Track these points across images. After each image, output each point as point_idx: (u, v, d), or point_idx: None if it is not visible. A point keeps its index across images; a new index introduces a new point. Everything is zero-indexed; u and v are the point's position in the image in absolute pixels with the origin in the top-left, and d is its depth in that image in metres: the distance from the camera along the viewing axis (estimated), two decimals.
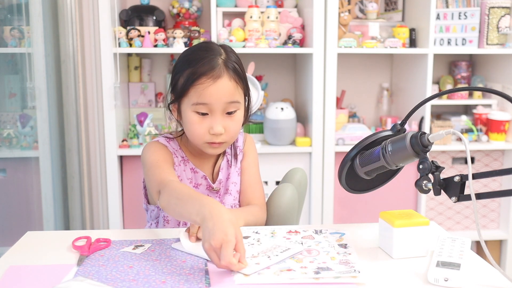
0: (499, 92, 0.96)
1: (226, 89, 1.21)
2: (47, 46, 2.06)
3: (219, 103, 1.21)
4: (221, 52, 1.24)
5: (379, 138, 1.09)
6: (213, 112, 1.22)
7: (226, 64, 1.22)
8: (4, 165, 2.14)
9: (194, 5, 2.43)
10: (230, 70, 1.22)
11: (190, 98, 1.22)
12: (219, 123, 1.22)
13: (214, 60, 1.21)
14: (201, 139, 1.24)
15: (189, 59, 1.24)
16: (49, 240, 1.13)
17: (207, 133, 1.23)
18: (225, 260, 0.92)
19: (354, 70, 2.68)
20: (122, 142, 2.26)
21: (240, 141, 1.42)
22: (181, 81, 1.23)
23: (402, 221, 1.04)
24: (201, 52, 1.24)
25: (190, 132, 1.25)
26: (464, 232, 2.51)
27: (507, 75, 2.46)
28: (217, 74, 1.20)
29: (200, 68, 1.20)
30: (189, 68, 1.21)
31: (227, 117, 1.24)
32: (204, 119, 1.23)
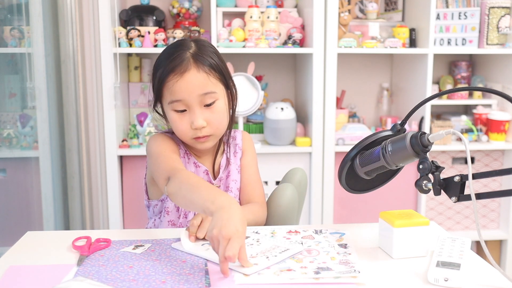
0: (499, 92, 0.96)
1: (195, 82, 1.20)
2: (47, 46, 2.06)
3: (192, 97, 1.21)
4: (190, 46, 1.24)
5: (379, 138, 1.09)
6: (190, 107, 1.22)
7: (194, 56, 1.22)
8: (4, 165, 2.14)
9: (194, 5, 2.43)
10: (198, 62, 1.21)
11: (165, 98, 1.23)
12: (199, 117, 1.22)
13: (181, 55, 1.21)
14: (186, 136, 1.25)
15: (159, 60, 1.26)
16: (49, 240, 1.13)
17: (189, 129, 1.24)
18: (231, 251, 0.91)
19: (354, 70, 2.68)
20: (122, 142, 2.26)
21: (238, 138, 1.42)
22: (155, 83, 1.25)
23: (402, 221, 1.04)
24: (169, 50, 1.25)
25: (175, 130, 1.27)
26: (464, 232, 2.51)
27: (507, 75, 2.46)
28: (183, 69, 1.20)
29: (167, 66, 1.21)
30: (159, 69, 1.23)
31: (206, 109, 1.23)
32: (184, 115, 1.23)
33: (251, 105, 2.21)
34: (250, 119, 2.50)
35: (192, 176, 1.13)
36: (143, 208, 2.29)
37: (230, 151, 1.40)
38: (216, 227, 0.94)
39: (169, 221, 1.34)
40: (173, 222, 1.34)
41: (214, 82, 1.23)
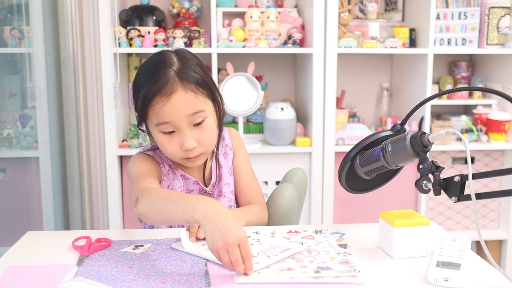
0: (499, 92, 0.96)
1: (183, 103, 1.14)
2: (47, 46, 2.06)
3: (181, 119, 1.15)
4: (173, 61, 1.17)
5: (379, 138, 1.09)
6: (179, 129, 1.16)
7: (178, 75, 1.15)
8: (4, 165, 2.14)
9: (194, 5, 2.43)
10: (184, 81, 1.15)
11: (151, 120, 1.17)
12: (189, 138, 1.16)
13: (165, 74, 1.14)
14: (176, 157, 1.20)
15: (141, 79, 1.18)
16: (49, 240, 1.13)
17: (179, 150, 1.18)
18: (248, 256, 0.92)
19: (354, 70, 2.68)
20: (122, 142, 2.26)
21: (226, 138, 1.37)
22: (138, 104, 1.18)
23: (402, 221, 1.04)
24: (151, 68, 1.17)
25: (163, 152, 1.21)
26: (464, 232, 2.51)
27: (507, 75, 2.46)
28: (170, 90, 1.13)
29: (151, 87, 1.14)
30: (142, 89, 1.15)
31: (196, 129, 1.18)
32: (172, 137, 1.17)
33: (251, 105, 2.21)
34: (250, 119, 2.50)
35: (162, 191, 1.09)
36: None
37: (220, 152, 1.36)
38: (219, 239, 0.92)
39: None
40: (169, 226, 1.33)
41: (202, 100, 1.17)
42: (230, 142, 1.38)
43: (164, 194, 1.07)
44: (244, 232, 0.93)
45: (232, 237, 0.91)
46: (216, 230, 0.92)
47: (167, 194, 1.06)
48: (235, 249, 0.91)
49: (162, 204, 1.03)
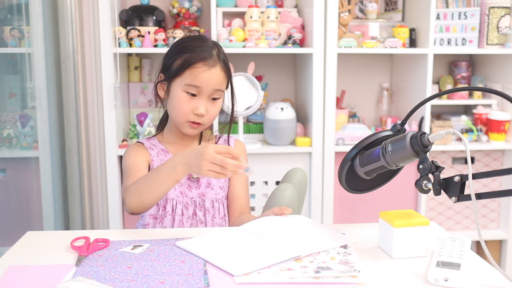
0: (499, 92, 0.96)
1: (217, 77, 1.34)
2: (47, 46, 2.06)
3: (209, 88, 1.33)
4: (214, 46, 1.38)
5: (379, 138, 1.09)
6: (201, 95, 1.34)
7: (219, 56, 1.36)
8: (4, 165, 2.14)
9: (194, 5, 2.43)
10: (222, 63, 1.36)
11: (184, 79, 1.33)
12: (203, 106, 1.34)
13: (210, 50, 1.35)
14: (185, 117, 1.35)
15: (187, 46, 1.36)
16: (49, 240, 1.13)
17: (191, 113, 1.34)
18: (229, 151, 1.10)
19: (354, 70, 2.68)
20: (122, 142, 2.26)
21: (230, 143, 1.49)
22: (177, 63, 1.34)
23: (402, 221, 1.04)
24: (198, 42, 1.37)
25: (175, 109, 1.35)
26: (464, 232, 2.51)
27: (507, 75, 2.46)
28: (212, 63, 1.33)
29: (198, 54, 1.33)
30: (187, 53, 1.33)
31: (210, 102, 1.36)
32: (191, 99, 1.34)
33: (251, 105, 2.21)
34: (250, 119, 2.50)
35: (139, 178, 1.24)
36: None
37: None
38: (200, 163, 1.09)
39: (150, 215, 1.38)
40: (154, 216, 1.38)
41: (224, 84, 1.38)
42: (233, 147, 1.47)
43: (144, 177, 1.22)
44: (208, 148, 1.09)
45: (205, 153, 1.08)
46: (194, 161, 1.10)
47: (146, 176, 1.22)
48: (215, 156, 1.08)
49: (147, 184, 1.19)
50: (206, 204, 1.39)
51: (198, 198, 1.39)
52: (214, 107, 1.37)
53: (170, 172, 1.15)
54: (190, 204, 1.38)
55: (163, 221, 1.37)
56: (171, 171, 1.15)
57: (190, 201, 1.38)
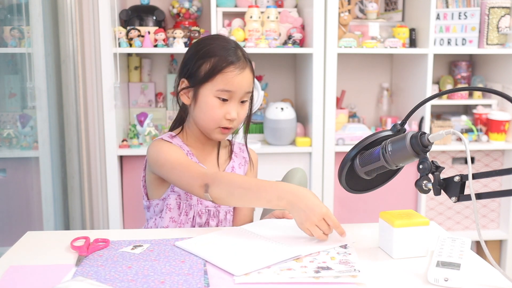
0: (499, 92, 0.96)
1: (248, 80, 1.31)
2: (47, 46, 2.06)
3: (241, 92, 1.30)
4: (236, 46, 1.34)
5: (379, 138, 1.09)
6: (232, 99, 1.30)
7: (245, 57, 1.33)
8: (4, 165, 2.14)
9: (194, 5, 2.43)
10: (249, 63, 1.33)
11: (216, 84, 1.28)
12: (235, 110, 1.31)
13: (236, 52, 1.31)
14: (216, 123, 1.31)
15: (212, 49, 1.31)
16: (49, 240, 1.13)
17: (223, 118, 1.30)
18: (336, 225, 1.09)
19: (354, 70, 2.68)
20: (122, 142, 2.26)
21: (245, 152, 1.47)
22: (205, 67, 1.29)
23: (402, 221, 1.04)
24: (221, 43, 1.32)
25: (206, 116, 1.31)
26: (464, 232, 2.51)
27: (507, 75, 2.46)
28: (243, 66, 1.30)
29: (228, 58, 1.29)
30: (214, 56, 1.29)
31: (240, 105, 1.33)
32: (223, 104, 1.30)
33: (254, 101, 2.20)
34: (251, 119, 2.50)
35: (236, 177, 1.21)
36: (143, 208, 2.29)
37: (236, 161, 1.43)
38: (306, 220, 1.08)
39: (170, 217, 1.35)
40: (174, 219, 1.35)
41: (253, 84, 1.35)
42: (248, 157, 1.46)
43: (240, 181, 1.19)
44: (325, 207, 1.09)
45: (316, 215, 1.08)
46: (302, 212, 1.09)
47: (243, 182, 1.18)
48: (322, 223, 1.08)
49: (242, 193, 1.16)
50: (220, 216, 1.38)
51: (213, 208, 1.37)
52: (243, 110, 1.34)
53: (272, 199, 1.12)
54: (204, 213, 1.36)
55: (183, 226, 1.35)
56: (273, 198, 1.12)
57: (205, 210, 1.36)
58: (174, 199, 1.34)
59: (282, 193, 1.11)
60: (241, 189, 1.16)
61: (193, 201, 1.35)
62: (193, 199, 1.35)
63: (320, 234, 1.09)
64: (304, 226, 1.09)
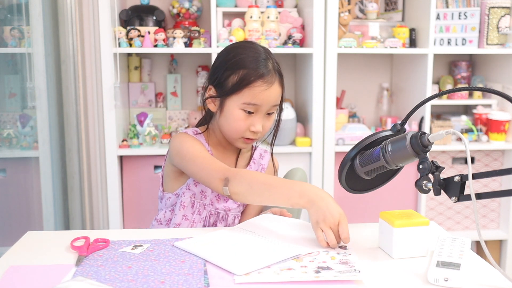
0: (499, 92, 0.96)
1: (276, 94, 1.30)
2: (47, 46, 2.06)
3: (267, 106, 1.29)
4: (268, 56, 1.32)
5: (379, 138, 1.09)
6: (258, 112, 1.29)
7: (275, 69, 1.31)
8: (4, 165, 2.14)
9: (194, 5, 2.43)
10: (279, 76, 1.31)
11: (242, 97, 1.27)
12: (260, 123, 1.30)
13: (267, 64, 1.29)
14: (240, 134, 1.31)
15: (242, 60, 1.29)
16: (49, 240, 1.13)
17: (247, 130, 1.30)
18: (345, 232, 1.06)
19: (354, 70, 2.68)
20: (122, 142, 2.26)
21: (265, 159, 1.46)
22: (233, 79, 1.27)
23: (402, 221, 1.04)
24: (251, 53, 1.30)
25: (231, 126, 1.30)
26: (464, 232, 2.51)
27: (507, 75, 2.46)
28: (271, 80, 1.28)
29: (257, 71, 1.27)
30: (243, 68, 1.27)
31: (266, 117, 1.32)
32: (249, 117, 1.29)
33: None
34: None
35: (257, 174, 1.22)
36: (143, 208, 2.29)
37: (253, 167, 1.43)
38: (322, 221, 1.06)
39: (183, 215, 1.36)
40: (187, 217, 1.36)
41: (280, 96, 1.33)
42: (266, 165, 1.46)
43: (262, 178, 1.19)
44: (343, 214, 1.08)
45: (334, 218, 1.06)
46: (320, 212, 1.07)
47: (265, 179, 1.18)
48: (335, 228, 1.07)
49: (263, 188, 1.16)
50: (229, 220, 1.39)
51: (223, 211, 1.37)
52: (269, 122, 1.34)
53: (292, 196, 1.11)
54: (213, 215, 1.37)
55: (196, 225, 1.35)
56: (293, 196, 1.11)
57: (214, 211, 1.36)
58: (189, 197, 1.34)
59: (305, 191, 1.10)
60: (262, 185, 1.16)
61: (207, 201, 1.35)
62: (207, 199, 1.35)
63: (332, 238, 1.06)
64: (319, 225, 1.07)
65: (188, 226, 1.35)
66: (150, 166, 2.27)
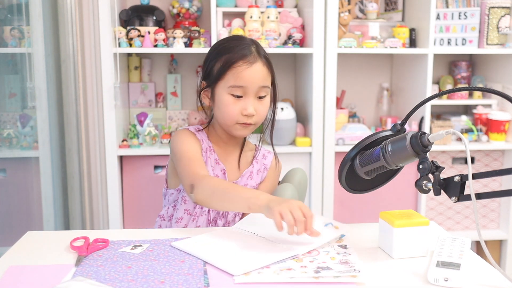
0: (499, 92, 0.96)
1: (260, 73, 1.31)
2: (47, 46, 2.06)
3: (253, 86, 1.30)
4: (252, 42, 1.35)
5: (379, 138, 1.09)
6: (246, 95, 1.31)
7: (258, 52, 1.33)
8: (4, 165, 2.14)
9: (194, 5, 2.43)
10: (262, 57, 1.33)
11: (227, 81, 1.30)
12: (251, 105, 1.31)
13: (248, 47, 1.32)
14: (234, 120, 1.32)
15: (225, 47, 1.33)
16: (49, 240, 1.13)
17: (239, 114, 1.31)
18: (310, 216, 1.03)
19: (354, 70, 2.68)
20: (122, 142, 2.26)
21: (268, 159, 1.48)
22: (217, 66, 1.31)
23: (402, 221, 1.04)
24: (235, 41, 1.34)
25: (223, 113, 1.32)
26: (464, 232, 2.51)
27: (507, 75, 2.46)
28: (253, 60, 1.30)
29: (237, 53, 1.30)
30: (226, 54, 1.31)
31: (257, 101, 1.33)
32: (238, 101, 1.31)
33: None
34: None
35: (220, 181, 1.24)
36: (143, 208, 2.29)
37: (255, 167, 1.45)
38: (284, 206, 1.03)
39: (185, 209, 1.37)
40: (189, 211, 1.37)
41: (269, 79, 1.36)
42: (269, 165, 1.48)
43: (225, 184, 1.21)
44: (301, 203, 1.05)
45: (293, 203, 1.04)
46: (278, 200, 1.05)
47: (226, 186, 1.20)
48: (298, 210, 1.02)
49: (223, 192, 1.17)
50: (228, 217, 1.39)
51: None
52: (263, 105, 1.34)
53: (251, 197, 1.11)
54: (213, 211, 1.37)
55: (197, 219, 1.37)
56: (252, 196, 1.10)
57: None
58: None
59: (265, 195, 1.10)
60: (223, 189, 1.17)
61: None
62: None
63: (290, 219, 1.01)
64: (276, 209, 1.02)
65: (190, 221, 1.36)
66: (150, 166, 2.27)
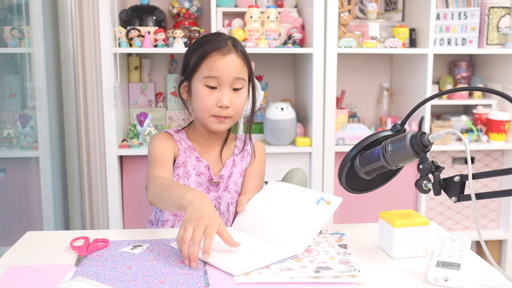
0: (499, 92, 0.96)
1: (234, 64, 1.32)
2: (47, 46, 2.06)
3: (228, 77, 1.31)
4: (230, 38, 1.37)
5: (379, 138, 1.09)
6: (221, 86, 1.32)
7: (234, 45, 1.34)
8: (4, 165, 2.14)
9: (194, 5, 2.43)
10: (237, 49, 1.34)
11: (201, 72, 1.32)
12: (226, 96, 1.31)
13: (224, 41, 1.34)
14: (208, 112, 1.32)
15: (201, 41, 1.36)
16: (49, 240, 1.13)
17: (214, 106, 1.32)
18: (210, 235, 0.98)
19: (354, 70, 2.68)
20: (122, 142, 2.26)
21: (248, 145, 1.47)
22: (193, 59, 1.34)
23: (402, 221, 1.04)
24: (211, 36, 1.38)
25: (198, 105, 1.33)
26: (464, 232, 2.51)
27: (507, 75, 2.46)
28: (226, 51, 1.32)
29: (211, 46, 1.32)
30: (202, 47, 1.33)
31: (233, 93, 1.34)
32: (213, 92, 1.32)
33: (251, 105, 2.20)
34: None
35: (165, 180, 1.22)
36: (143, 208, 2.29)
37: (239, 154, 1.44)
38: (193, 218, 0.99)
39: (170, 212, 1.37)
40: (174, 212, 1.38)
41: (245, 72, 1.36)
42: (251, 150, 1.46)
43: (166, 183, 1.20)
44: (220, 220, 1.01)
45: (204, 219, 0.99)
46: (193, 212, 1.01)
47: (168, 183, 1.19)
48: (201, 229, 0.98)
49: (163, 192, 1.17)
50: (221, 207, 1.39)
51: (214, 201, 1.39)
52: (238, 98, 1.34)
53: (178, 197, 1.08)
54: None
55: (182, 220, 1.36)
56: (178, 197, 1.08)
57: None
58: None
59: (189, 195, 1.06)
60: (164, 189, 1.17)
61: None
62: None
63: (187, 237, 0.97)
64: (185, 223, 1.00)
65: (176, 221, 1.37)
66: None
